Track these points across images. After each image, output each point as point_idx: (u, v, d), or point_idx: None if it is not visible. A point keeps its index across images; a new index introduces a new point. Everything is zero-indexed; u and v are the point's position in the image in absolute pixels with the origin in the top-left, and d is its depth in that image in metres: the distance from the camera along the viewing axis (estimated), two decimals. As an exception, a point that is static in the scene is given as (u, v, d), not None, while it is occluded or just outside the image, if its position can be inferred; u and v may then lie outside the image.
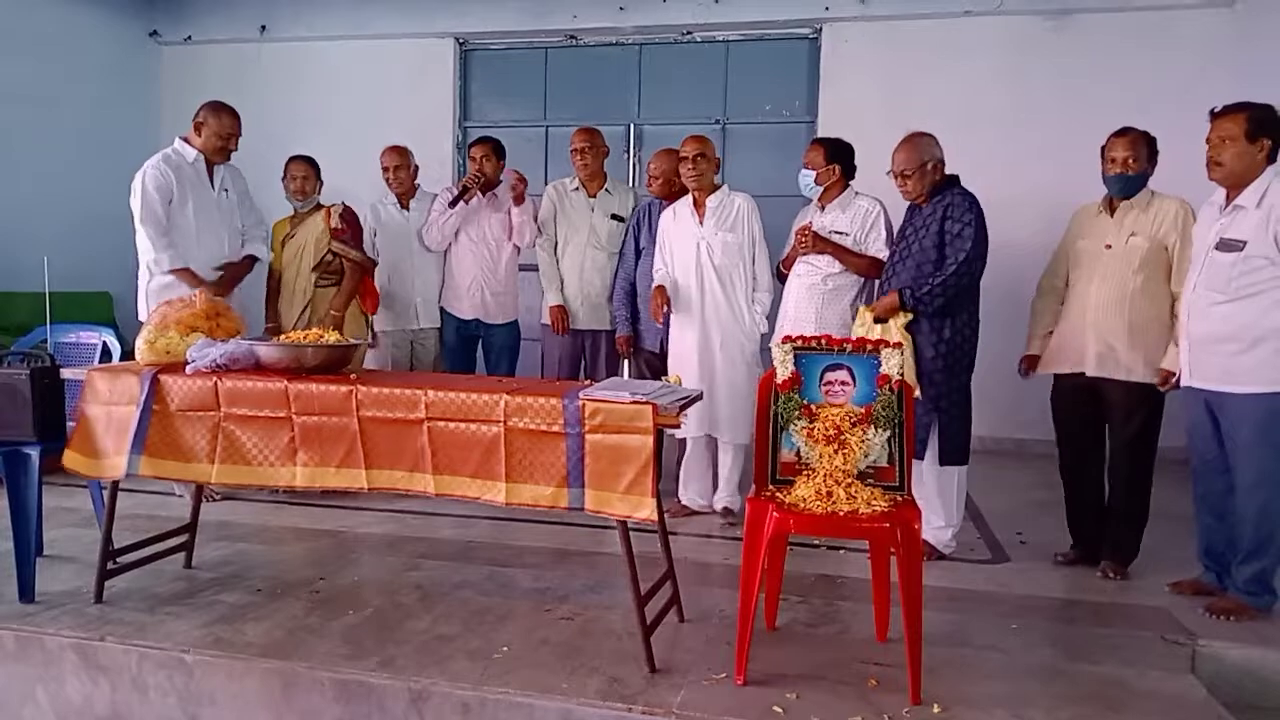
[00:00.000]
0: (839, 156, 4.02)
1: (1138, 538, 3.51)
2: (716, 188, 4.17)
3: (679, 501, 4.31)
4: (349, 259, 4.52)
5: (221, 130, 4.13)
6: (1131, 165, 3.40)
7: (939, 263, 3.46)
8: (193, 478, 2.97)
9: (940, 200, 3.52)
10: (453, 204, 4.60)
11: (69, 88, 6.33)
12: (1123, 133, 3.45)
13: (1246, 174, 3.01)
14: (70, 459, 2.99)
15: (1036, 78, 5.91)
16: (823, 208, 4.03)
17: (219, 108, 4.17)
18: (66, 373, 3.15)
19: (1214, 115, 3.09)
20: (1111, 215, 3.48)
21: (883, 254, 3.86)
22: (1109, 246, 3.45)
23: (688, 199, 4.20)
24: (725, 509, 4.20)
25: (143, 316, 4.11)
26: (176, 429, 2.90)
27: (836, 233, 3.94)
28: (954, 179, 3.59)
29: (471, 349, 4.87)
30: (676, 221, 4.20)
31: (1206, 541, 3.28)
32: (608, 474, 2.53)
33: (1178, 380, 3.25)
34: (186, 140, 4.17)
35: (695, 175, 4.08)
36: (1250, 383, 2.99)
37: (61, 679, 2.74)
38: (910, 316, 3.46)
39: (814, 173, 3.99)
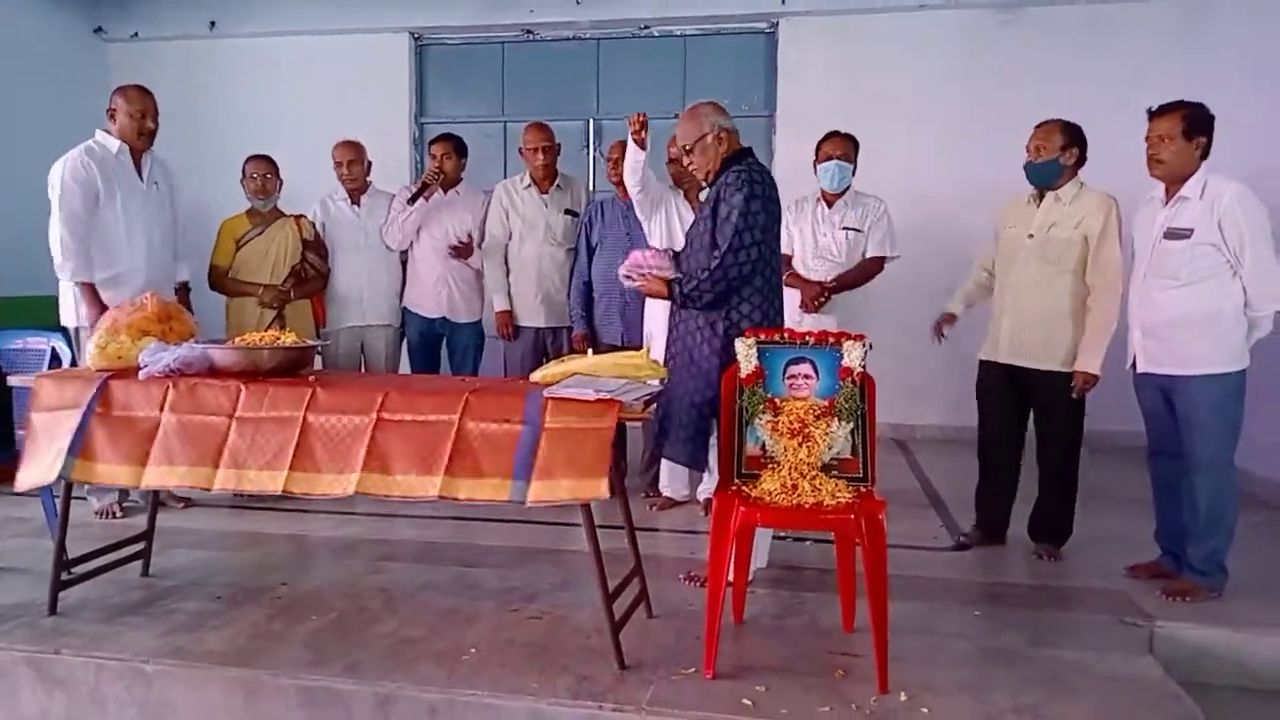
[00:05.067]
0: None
1: (1070, 518, 3.59)
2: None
3: (661, 493, 4.31)
4: (320, 271, 4.59)
5: (131, 109, 3.89)
6: (1038, 153, 3.46)
7: (712, 250, 3.02)
8: (128, 482, 2.81)
9: (721, 177, 3.10)
10: (412, 200, 4.55)
11: (9, 87, 6.13)
12: (1040, 124, 3.52)
13: (1185, 169, 3.09)
14: (23, 477, 2.84)
15: (989, 71, 5.97)
16: (829, 204, 4.06)
17: (125, 87, 3.97)
18: (14, 380, 3.07)
19: (1151, 115, 3.16)
20: (1039, 206, 3.53)
21: (878, 251, 3.93)
22: (1031, 236, 3.51)
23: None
24: (709, 501, 4.19)
25: (65, 321, 3.94)
26: (117, 433, 2.77)
27: (850, 229, 3.98)
28: (746, 151, 3.15)
29: (435, 349, 4.82)
30: (678, 211, 4.16)
31: (1164, 525, 3.35)
32: (561, 462, 2.46)
33: (1094, 382, 3.32)
34: (107, 132, 3.95)
35: (690, 171, 4.09)
36: (1203, 364, 3.07)
37: (16, 694, 2.67)
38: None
39: (850, 165, 3.99)
